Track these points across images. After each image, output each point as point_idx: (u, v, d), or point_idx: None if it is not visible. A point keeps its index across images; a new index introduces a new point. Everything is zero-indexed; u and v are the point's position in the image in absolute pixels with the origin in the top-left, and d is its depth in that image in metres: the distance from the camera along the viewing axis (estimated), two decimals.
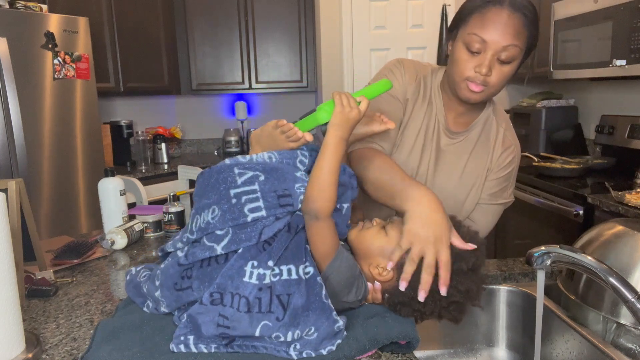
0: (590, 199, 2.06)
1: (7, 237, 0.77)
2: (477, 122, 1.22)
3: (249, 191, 0.84)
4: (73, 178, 2.75)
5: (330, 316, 0.79)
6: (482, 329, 1.19)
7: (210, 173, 0.88)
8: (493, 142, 1.24)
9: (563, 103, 3.00)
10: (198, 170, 2.31)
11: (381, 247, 0.89)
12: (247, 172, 0.86)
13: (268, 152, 0.92)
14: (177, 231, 1.53)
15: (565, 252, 0.85)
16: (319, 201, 0.82)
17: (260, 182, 0.85)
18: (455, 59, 1.09)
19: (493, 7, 1.04)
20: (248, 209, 0.83)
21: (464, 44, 1.06)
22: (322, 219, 0.83)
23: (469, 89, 1.09)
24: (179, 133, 4.06)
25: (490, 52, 1.04)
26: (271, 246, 0.82)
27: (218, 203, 0.84)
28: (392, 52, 3.71)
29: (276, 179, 0.86)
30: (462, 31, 1.08)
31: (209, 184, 0.88)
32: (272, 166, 0.88)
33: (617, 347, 0.91)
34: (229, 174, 0.86)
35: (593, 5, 2.34)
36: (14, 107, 2.41)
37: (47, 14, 2.58)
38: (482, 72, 1.05)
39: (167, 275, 0.88)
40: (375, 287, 0.89)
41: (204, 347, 0.79)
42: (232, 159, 0.90)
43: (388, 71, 1.25)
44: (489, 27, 1.03)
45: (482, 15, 1.04)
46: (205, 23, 3.78)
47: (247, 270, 0.80)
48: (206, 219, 0.85)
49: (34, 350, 0.82)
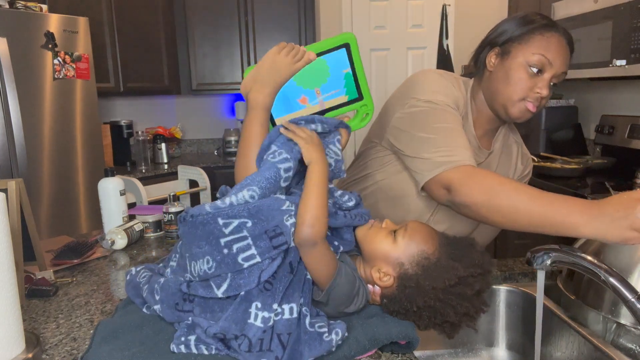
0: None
1: (7, 237, 0.77)
2: (496, 140, 1.23)
3: (239, 238, 0.80)
4: (73, 178, 2.75)
5: (322, 341, 0.78)
6: (482, 329, 1.19)
7: (194, 224, 0.82)
8: (515, 159, 1.26)
9: (563, 103, 3.00)
10: (198, 170, 2.31)
11: (386, 253, 0.88)
12: (233, 221, 0.81)
13: (247, 187, 0.84)
14: (176, 231, 1.53)
15: (565, 252, 0.85)
16: (317, 226, 0.81)
17: (248, 229, 0.80)
18: (513, 77, 1.07)
19: (555, 32, 1.05)
20: (241, 258, 0.80)
21: (526, 62, 1.05)
22: (320, 243, 0.82)
23: (526, 109, 1.08)
24: (179, 133, 4.06)
25: (550, 74, 1.05)
26: (272, 286, 0.80)
27: (211, 254, 0.81)
28: (392, 52, 3.71)
29: (264, 219, 0.81)
30: (520, 49, 1.06)
31: (195, 235, 0.83)
32: (256, 207, 0.82)
33: (617, 347, 0.91)
34: (215, 226, 0.81)
35: (593, 5, 2.34)
36: (14, 107, 2.41)
37: (47, 14, 2.58)
38: (544, 94, 1.05)
39: (167, 293, 0.88)
40: (374, 290, 0.89)
41: (204, 348, 0.79)
42: (212, 205, 0.83)
43: (435, 83, 1.14)
44: (554, 50, 1.04)
45: (546, 38, 1.05)
46: (205, 23, 3.78)
47: (252, 312, 0.78)
48: (202, 267, 0.82)
49: (34, 350, 0.81)
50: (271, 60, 0.95)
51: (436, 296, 0.82)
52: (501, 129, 1.24)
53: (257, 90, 0.94)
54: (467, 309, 0.83)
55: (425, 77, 1.16)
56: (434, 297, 0.82)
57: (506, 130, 1.26)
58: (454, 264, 0.83)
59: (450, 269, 0.83)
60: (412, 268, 0.85)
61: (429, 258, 0.85)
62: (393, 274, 0.87)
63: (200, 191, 2.29)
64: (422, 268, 0.85)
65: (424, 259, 0.85)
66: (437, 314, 0.83)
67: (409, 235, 0.88)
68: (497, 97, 1.11)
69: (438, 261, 0.84)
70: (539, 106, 1.08)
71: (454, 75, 1.21)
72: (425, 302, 0.83)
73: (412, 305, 0.84)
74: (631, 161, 2.47)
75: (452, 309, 0.82)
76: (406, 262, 0.86)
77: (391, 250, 0.88)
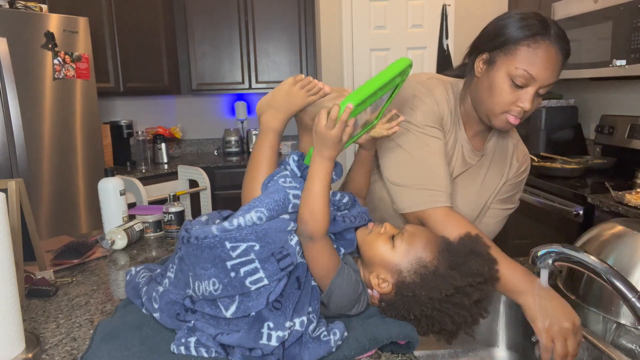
0: (590, 199, 2.06)
1: (7, 237, 0.77)
2: (490, 140, 1.22)
3: (246, 262, 0.80)
4: (73, 178, 2.75)
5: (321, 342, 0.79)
6: (482, 329, 1.19)
7: (199, 247, 0.82)
8: (510, 156, 1.24)
9: (563, 103, 3.00)
10: (198, 170, 2.31)
11: (384, 259, 0.88)
12: (240, 245, 0.80)
13: (255, 209, 0.83)
14: (176, 231, 1.53)
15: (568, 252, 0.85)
16: (311, 223, 0.81)
17: (256, 252, 0.80)
18: (495, 88, 1.03)
19: (542, 41, 0.98)
20: (249, 281, 0.79)
21: (509, 76, 1.01)
22: (317, 239, 0.82)
23: (507, 121, 1.06)
24: (179, 133, 4.06)
25: (534, 88, 1.01)
26: (282, 305, 0.80)
27: (217, 276, 0.81)
28: (392, 52, 3.71)
29: (272, 242, 0.81)
30: (505, 61, 1.01)
31: (200, 257, 0.82)
32: (264, 230, 0.81)
33: (617, 347, 0.91)
34: (222, 249, 0.80)
35: (593, 5, 2.34)
36: (14, 107, 2.41)
37: (47, 14, 2.58)
38: (526, 108, 1.02)
39: (167, 302, 0.87)
40: (373, 294, 0.89)
41: (204, 350, 0.79)
42: (219, 229, 0.82)
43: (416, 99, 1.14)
44: (539, 63, 0.99)
45: (532, 51, 0.99)
46: (205, 23, 3.78)
47: (264, 332, 0.78)
48: (208, 289, 0.81)
49: (34, 350, 0.82)
50: (286, 91, 0.96)
51: (433, 306, 0.82)
52: (495, 130, 1.23)
53: (270, 115, 0.96)
54: (464, 317, 0.83)
55: (409, 90, 1.14)
56: (431, 306, 0.82)
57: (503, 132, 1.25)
58: (451, 273, 0.82)
59: (448, 278, 0.82)
60: (410, 276, 0.85)
61: (427, 266, 0.84)
62: (391, 281, 0.87)
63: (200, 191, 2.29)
64: (419, 276, 0.84)
65: (422, 267, 0.85)
66: (435, 323, 0.83)
67: (407, 241, 0.87)
68: (481, 106, 1.09)
69: (436, 270, 0.84)
70: (522, 118, 1.06)
71: (443, 80, 1.18)
72: (422, 311, 0.83)
73: (409, 313, 0.84)
74: (631, 161, 2.47)
75: (449, 318, 0.82)
76: (404, 270, 0.86)
77: (389, 257, 0.87)
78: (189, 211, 2.28)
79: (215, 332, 0.80)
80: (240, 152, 4.08)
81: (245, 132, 4.13)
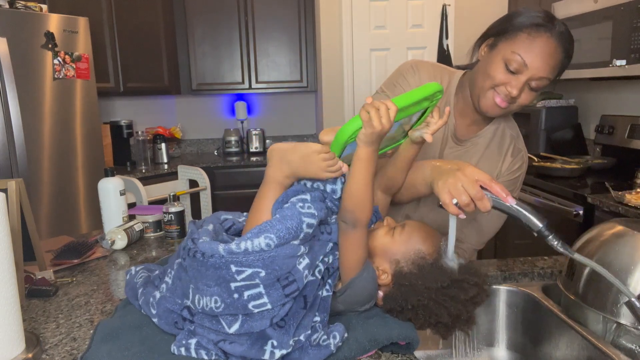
0: (590, 199, 2.06)
1: (7, 237, 0.77)
2: (486, 130, 1.22)
3: (250, 286, 0.78)
4: (73, 178, 2.75)
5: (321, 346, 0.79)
6: (482, 329, 1.19)
7: (204, 264, 0.80)
8: (505, 151, 1.23)
9: (563, 103, 3.00)
10: (198, 170, 2.31)
11: (384, 248, 0.89)
12: (246, 270, 0.78)
13: (265, 235, 0.80)
14: (176, 231, 1.53)
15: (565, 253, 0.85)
16: (356, 212, 0.82)
17: (261, 278, 0.78)
18: (489, 70, 1.06)
19: (544, 33, 1.01)
20: (252, 305, 0.78)
21: (504, 59, 1.03)
22: (360, 227, 0.83)
23: (493, 101, 1.07)
24: (179, 133, 4.06)
25: (526, 76, 1.02)
26: (286, 323, 0.79)
27: (219, 295, 0.79)
28: (392, 52, 3.71)
29: (278, 269, 0.79)
30: (504, 45, 1.05)
31: (204, 274, 0.80)
32: (271, 258, 0.79)
33: (617, 347, 0.90)
34: (227, 272, 0.78)
35: (593, 5, 2.34)
36: (14, 107, 2.41)
37: (47, 14, 2.58)
38: (513, 94, 1.04)
39: (164, 310, 0.87)
40: (379, 295, 0.90)
41: (204, 353, 0.79)
42: (226, 249, 0.79)
43: (400, 76, 1.20)
44: (535, 53, 1.01)
45: (531, 38, 1.01)
46: (205, 23, 3.78)
47: (267, 349, 0.77)
48: (209, 305, 0.80)
49: (34, 350, 0.82)
50: (307, 154, 0.87)
51: (429, 296, 0.83)
52: (495, 122, 1.23)
53: (279, 169, 0.89)
54: (459, 311, 0.83)
55: (399, 69, 1.22)
56: (427, 296, 0.83)
57: (503, 124, 1.25)
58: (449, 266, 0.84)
59: (445, 270, 0.83)
60: (408, 266, 0.86)
61: (425, 258, 0.86)
62: (390, 272, 0.88)
63: (200, 191, 2.29)
64: (417, 267, 0.85)
65: (420, 259, 0.86)
66: (432, 314, 0.84)
67: (406, 232, 0.89)
68: (474, 87, 1.12)
69: (435, 262, 0.85)
70: (509, 105, 1.07)
71: (442, 67, 1.22)
72: (419, 300, 0.83)
73: (407, 303, 0.84)
74: (631, 161, 2.47)
75: (445, 310, 0.83)
76: (402, 260, 0.87)
77: (389, 246, 0.88)
78: (189, 211, 2.28)
79: (217, 339, 0.79)
80: (240, 152, 4.09)
81: (245, 132, 4.13)
